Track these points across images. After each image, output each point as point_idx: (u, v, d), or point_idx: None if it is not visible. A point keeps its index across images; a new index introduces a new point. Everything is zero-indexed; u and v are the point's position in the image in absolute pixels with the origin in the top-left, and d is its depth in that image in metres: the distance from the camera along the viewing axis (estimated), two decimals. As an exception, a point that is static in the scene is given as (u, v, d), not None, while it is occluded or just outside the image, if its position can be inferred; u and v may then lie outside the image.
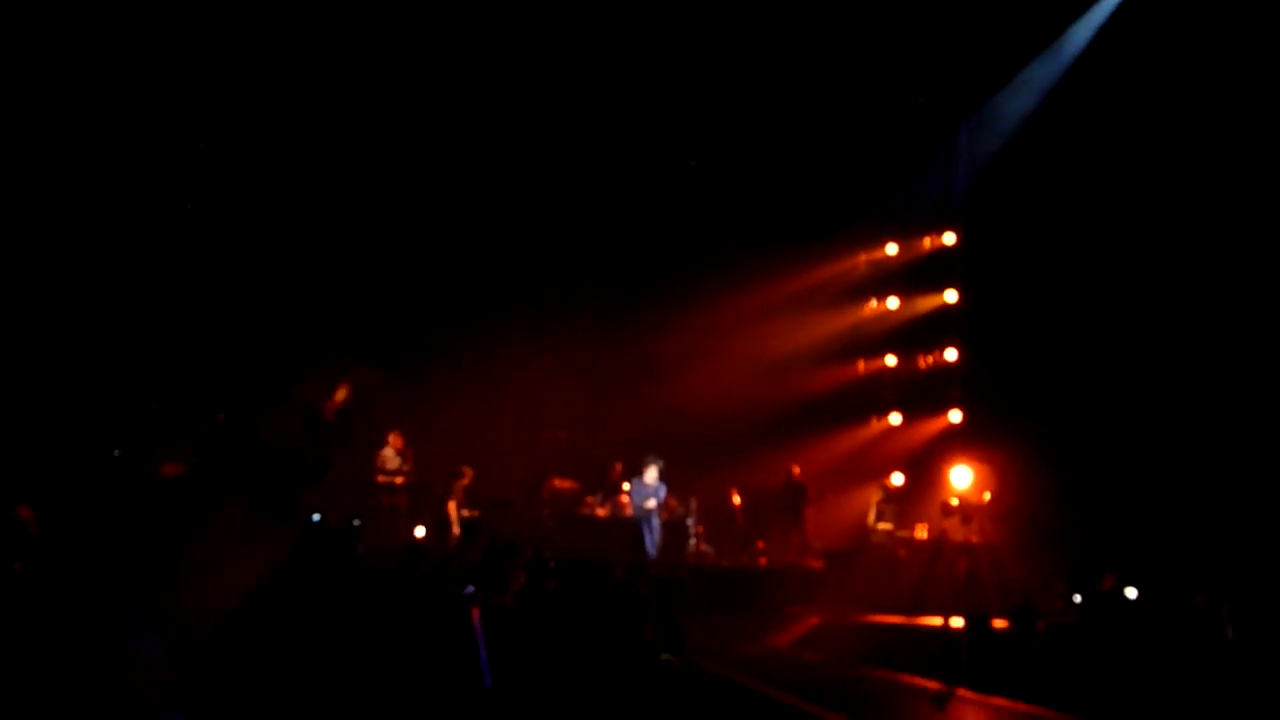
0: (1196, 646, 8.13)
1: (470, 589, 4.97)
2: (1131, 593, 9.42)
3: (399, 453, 12.54)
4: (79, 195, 10.78)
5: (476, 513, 12.44)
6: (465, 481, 12.64)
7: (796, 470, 13.57)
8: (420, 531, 11.14)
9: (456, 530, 12.29)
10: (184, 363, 11.67)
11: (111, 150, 10.91)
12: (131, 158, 11.17)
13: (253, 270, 12.37)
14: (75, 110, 10.40)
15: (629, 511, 12.78)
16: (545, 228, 14.15)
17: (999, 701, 7.13)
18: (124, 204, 11.30)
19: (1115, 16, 11.34)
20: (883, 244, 15.36)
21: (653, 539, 12.57)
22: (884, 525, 12.89)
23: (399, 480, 12.42)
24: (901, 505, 13.29)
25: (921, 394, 14.69)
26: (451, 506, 12.42)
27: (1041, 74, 12.38)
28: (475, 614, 3.85)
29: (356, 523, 8.27)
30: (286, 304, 12.45)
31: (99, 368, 10.91)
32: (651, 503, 12.61)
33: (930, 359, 14.78)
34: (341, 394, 11.83)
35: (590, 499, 13.26)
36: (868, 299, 15.57)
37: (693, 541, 13.13)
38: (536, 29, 11.44)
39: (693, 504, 13.31)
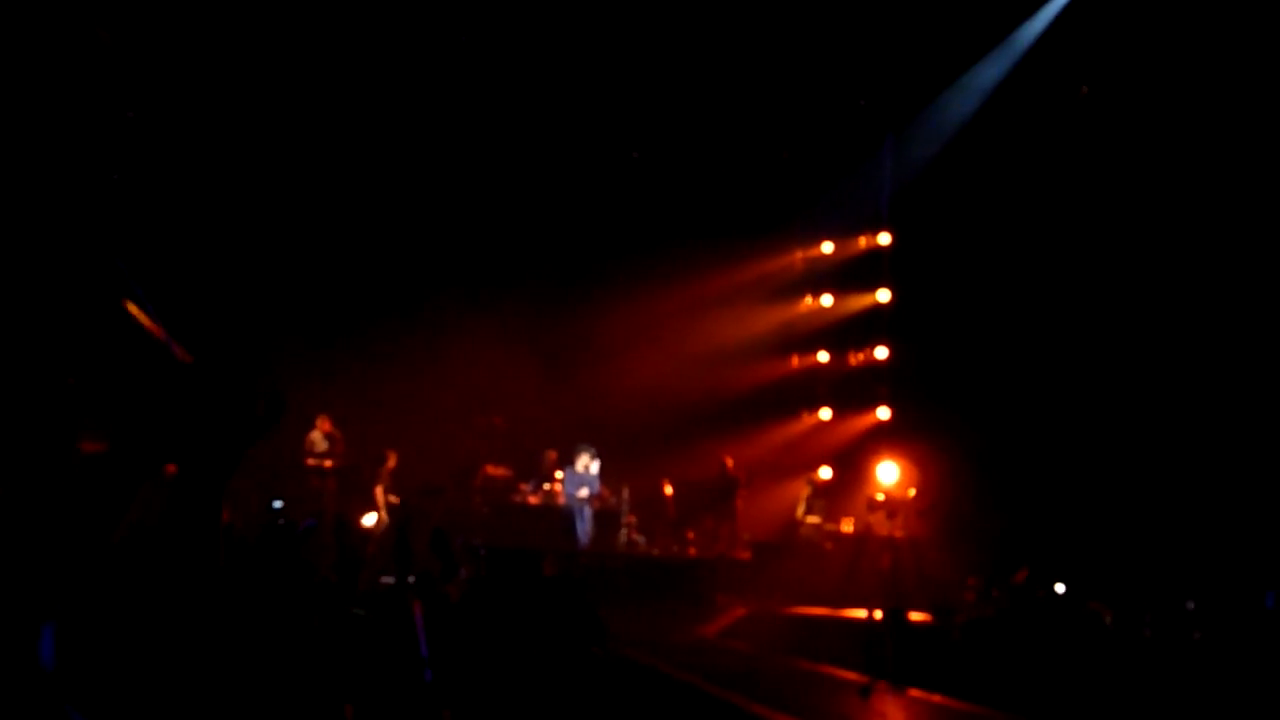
0: (1108, 642, 8.45)
1: (410, 579, 4.94)
2: (1059, 588, 9.75)
3: (327, 436, 12.35)
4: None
5: (402, 499, 12.29)
6: (390, 465, 12.50)
7: (729, 462, 13.71)
8: (370, 519, 10.92)
9: (383, 516, 12.16)
10: (104, 335, 11.28)
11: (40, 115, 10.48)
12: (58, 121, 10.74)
13: (181, 237, 12.01)
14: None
15: (561, 500, 12.78)
16: (484, 211, 14.03)
17: (917, 694, 7.31)
18: (42, 165, 10.87)
19: (1057, 22, 11.63)
20: (819, 242, 15.57)
21: (584, 528, 12.61)
22: (812, 519, 13.11)
23: (328, 464, 12.23)
24: (830, 499, 13.52)
25: (852, 390, 14.96)
26: (379, 491, 12.29)
27: (980, 78, 12.65)
28: (417, 607, 3.82)
29: (278, 505, 8.10)
30: (215, 276, 12.11)
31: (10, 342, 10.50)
32: (584, 492, 12.64)
33: (861, 356, 15.05)
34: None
35: (523, 486, 13.23)
36: (803, 295, 15.78)
37: (624, 531, 13.19)
38: (486, 14, 11.31)
39: (625, 494, 13.36)
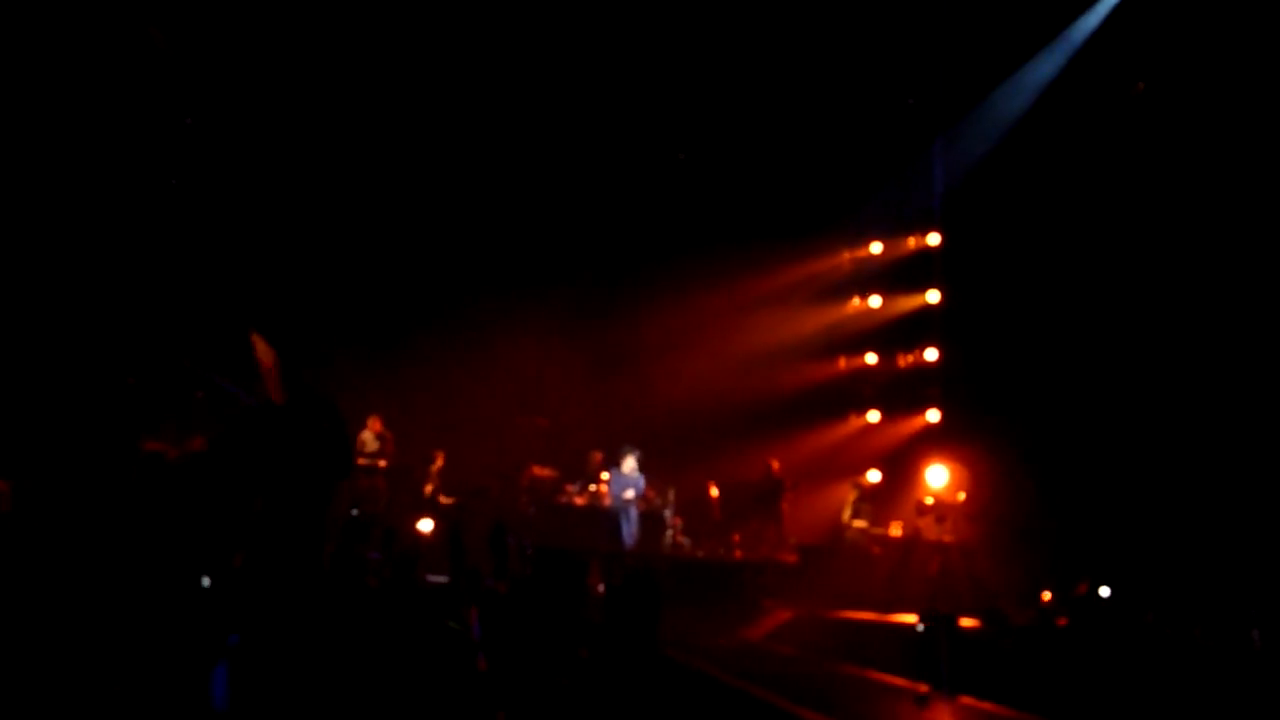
0: (1166, 650, 8.26)
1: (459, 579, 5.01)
2: (1104, 592, 9.56)
3: (378, 436, 12.52)
4: (48, 168, 10.64)
5: (454, 499, 12.44)
6: (438, 465, 12.63)
7: (775, 464, 13.65)
8: (426, 525, 11.02)
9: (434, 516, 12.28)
10: (162, 336, 11.56)
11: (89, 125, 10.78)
12: (112, 133, 11.04)
13: (233, 248, 12.27)
14: (49, 84, 10.26)
15: (607, 501, 12.81)
16: (532, 214, 14.12)
17: (969, 701, 7.21)
18: (97, 176, 11.16)
19: (1109, 22, 11.43)
20: (868, 242, 15.43)
21: (630, 529, 12.62)
22: (859, 522, 12.98)
23: (381, 464, 12.40)
24: (877, 503, 13.38)
25: (900, 393, 14.80)
26: (428, 490, 12.42)
27: (1032, 76, 12.45)
28: (474, 614, 3.86)
29: (355, 512, 8.19)
30: (268, 283, 12.35)
31: (74, 340, 10.80)
32: (630, 493, 12.65)
33: (910, 358, 14.88)
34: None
35: (569, 487, 13.28)
36: (851, 296, 15.64)
37: (669, 533, 13.18)
38: (529, 19, 11.39)
39: (670, 495, 13.35)
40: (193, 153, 11.82)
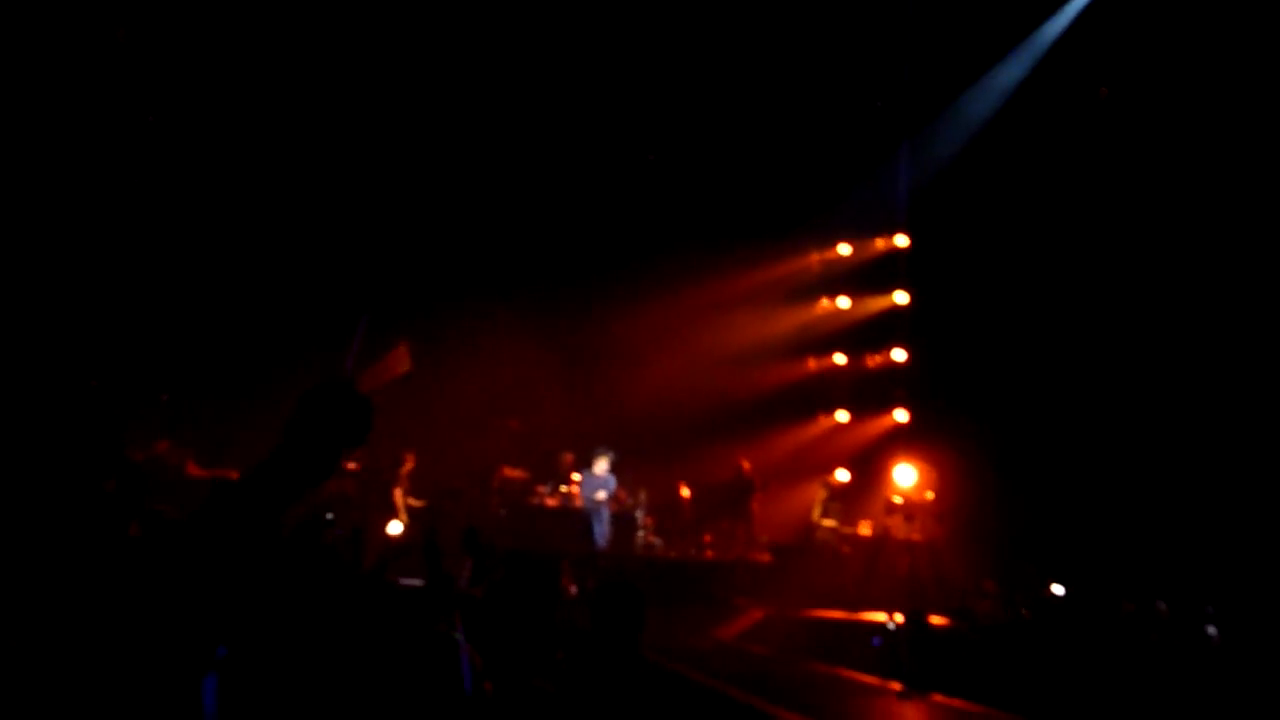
0: (1129, 647, 8.40)
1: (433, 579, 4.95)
2: (1058, 590, 9.70)
3: (347, 438, 12.39)
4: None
5: (424, 502, 12.35)
6: (409, 468, 12.54)
7: (745, 464, 13.71)
8: (396, 528, 10.93)
9: (404, 519, 12.20)
10: (131, 339, 11.40)
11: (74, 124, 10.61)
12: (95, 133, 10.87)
13: (207, 248, 12.12)
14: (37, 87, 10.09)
15: (579, 502, 12.80)
16: (502, 215, 14.07)
17: (940, 699, 7.29)
18: (58, 174, 10.98)
19: (1074, 27, 11.61)
20: (836, 244, 15.56)
21: (602, 530, 12.62)
22: (829, 521, 13.09)
23: (349, 466, 12.28)
24: (846, 502, 13.50)
25: (868, 393, 14.94)
26: (397, 494, 12.33)
27: (998, 80, 12.62)
28: (458, 620, 3.84)
29: (329, 516, 8.07)
30: (237, 280, 12.22)
31: (36, 343, 10.61)
32: (601, 494, 12.65)
33: (878, 358, 15.02)
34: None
35: (540, 488, 13.25)
36: (819, 298, 15.76)
37: (641, 533, 13.20)
38: (502, 22, 11.36)
39: (642, 496, 13.37)
40: (157, 150, 11.65)
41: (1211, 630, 8.66)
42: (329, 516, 7.50)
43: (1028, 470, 11.84)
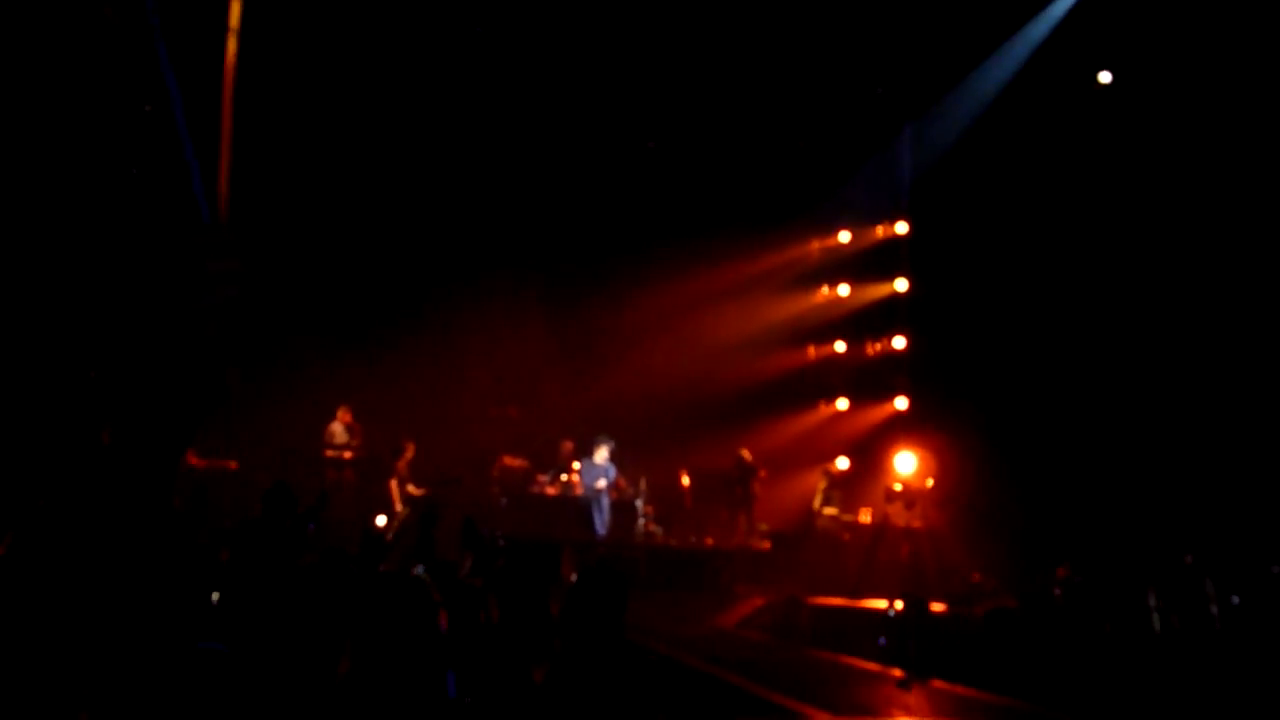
0: (1130, 633, 8.41)
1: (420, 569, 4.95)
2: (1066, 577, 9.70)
3: (347, 427, 12.41)
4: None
5: (423, 490, 12.34)
6: (408, 456, 12.53)
7: (746, 453, 13.69)
8: (381, 520, 10.93)
9: (400, 508, 12.20)
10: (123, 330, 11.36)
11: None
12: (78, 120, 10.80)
13: (194, 235, 12.06)
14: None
15: (579, 491, 12.80)
16: (502, 203, 14.03)
17: (939, 684, 7.30)
18: (52, 165, 10.91)
19: (1074, 13, 11.55)
20: (836, 231, 15.51)
21: (602, 518, 12.63)
22: (829, 509, 13.09)
23: (347, 455, 12.29)
24: (847, 489, 13.49)
25: (869, 380, 14.91)
26: (393, 484, 12.31)
27: (999, 67, 12.55)
28: (444, 617, 3.82)
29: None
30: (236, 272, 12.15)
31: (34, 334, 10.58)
32: (601, 482, 12.66)
33: (879, 346, 14.99)
34: None
35: (540, 477, 13.25)
36: (819, 285, 15.72)
37: (641, 521, 13.21)
38: (502, 8, 11.29)
39: (642, 484, 13.37)
40: (153, 141, 11.58)
41: (1214, 610, 8.66)
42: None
43: (1028, 457, 11.83)
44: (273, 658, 2.92)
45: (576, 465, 13.00)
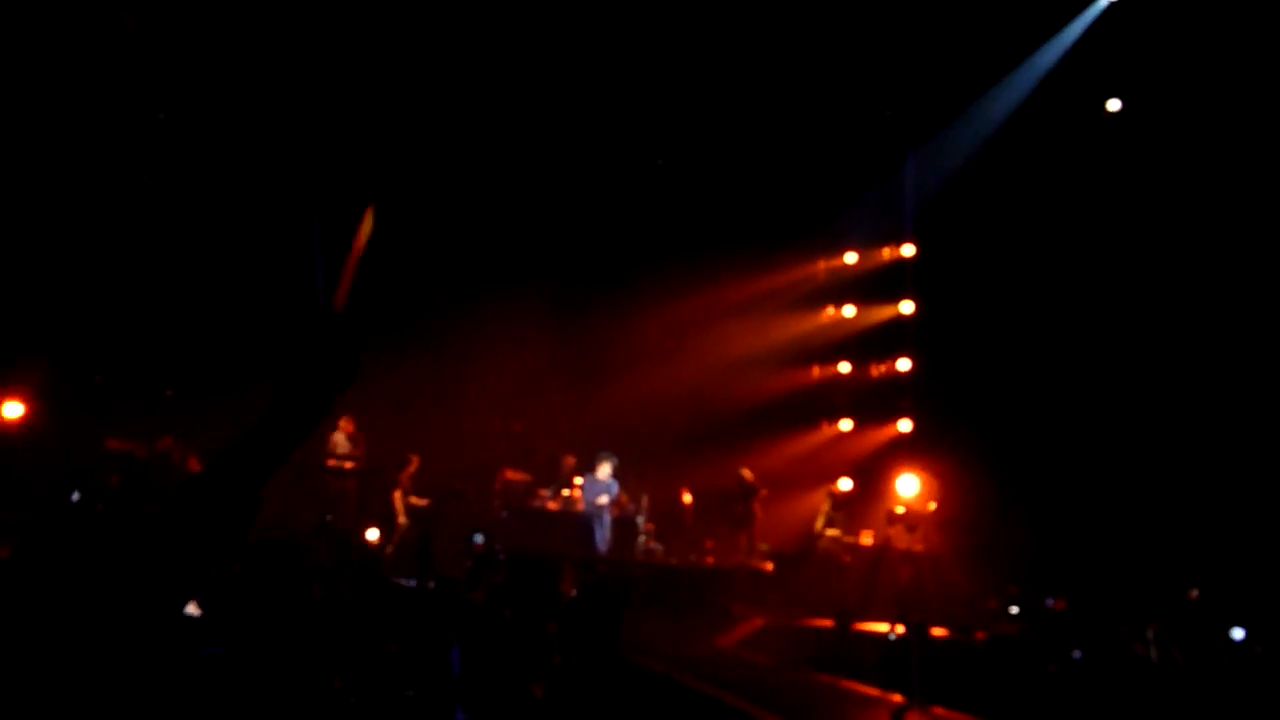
0: (1129, 663, 8.36)
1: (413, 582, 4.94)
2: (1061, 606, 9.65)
3: (350, 438, 12.40)
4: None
5: (427, 501, 12.34)
6: (412, 469, 12.53)
7: (747, 472, 13.66)
8: (373, 534, 10.91)
9: (402, 520, 12.19)
10: (129, 333, 11.39)
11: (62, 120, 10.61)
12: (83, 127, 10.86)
13: (213, 243, 12.12)
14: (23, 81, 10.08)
15: (580, 507, 12.77)
16: (508, 219, 14.06)
17: (939, 711, 7.25)
18: (66, 170, 10.97)
19: (1084, 38, 11.59)
20: (843, 252, 15.53)
21: (603, 535, 12.59)
22: (831, 531, 13.04)
23: (349, 465, 12.28)
24: (849, 511, 13.45)
25: (873, 402, 14.91)
26: (397, 496, 12.31)
27: (1007, 92, 12.59)
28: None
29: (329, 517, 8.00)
30: (243, 280, 12.20)
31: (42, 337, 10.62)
32: (603, 499, 12.62)
33: (883, 368, 14.99)
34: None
35: (542, 492, 13.22)
36: (825, 306, 15.73)
37: (642, 539, 13.16)
38: (509, 24, 11.35)
39: (644, 501, 13.34)
40: (166, 148, 11.65)
41: (1223, 640, 8.61)
42: (328, 518, 7.49)
43: (1032, 482, 11.80)
44: (272, 664, 2.91)
45: (579, 481, 12.97)
